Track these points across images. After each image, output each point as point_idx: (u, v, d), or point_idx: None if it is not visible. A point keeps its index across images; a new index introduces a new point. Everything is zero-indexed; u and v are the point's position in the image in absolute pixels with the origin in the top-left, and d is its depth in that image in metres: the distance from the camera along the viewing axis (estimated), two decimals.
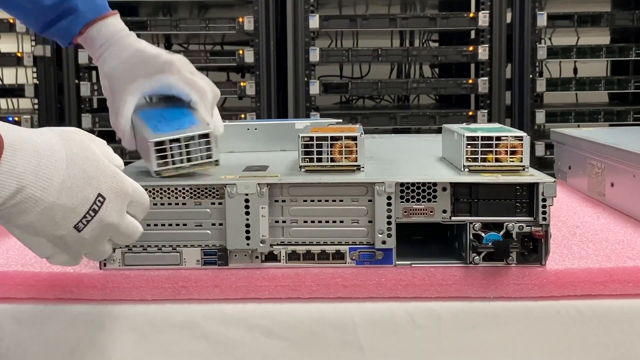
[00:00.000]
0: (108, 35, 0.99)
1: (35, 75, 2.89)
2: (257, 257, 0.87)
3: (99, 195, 0.68)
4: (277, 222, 0.87)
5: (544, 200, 0.84)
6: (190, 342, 0.85)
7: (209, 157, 0.88)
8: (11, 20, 2.78)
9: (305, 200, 0.87)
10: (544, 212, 0.84)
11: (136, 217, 0.74)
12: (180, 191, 0.87)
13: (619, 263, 0.88)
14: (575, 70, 3.10)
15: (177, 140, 0.87)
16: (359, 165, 0.90)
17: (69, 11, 0.98)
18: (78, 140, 0.69)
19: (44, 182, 0.64)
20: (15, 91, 2.98)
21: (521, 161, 0.88)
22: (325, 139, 0.90)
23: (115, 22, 1.00)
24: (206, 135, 0.88)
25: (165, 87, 0.96)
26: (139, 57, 0.97)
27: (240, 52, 2.79)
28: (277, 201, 0.86)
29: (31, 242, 0.68)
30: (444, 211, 0.85)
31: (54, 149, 0.66)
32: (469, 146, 0.89)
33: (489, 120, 2.80)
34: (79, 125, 2.85)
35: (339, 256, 0.87)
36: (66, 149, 0.67)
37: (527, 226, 0.84)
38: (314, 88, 2.79)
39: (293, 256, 0.87)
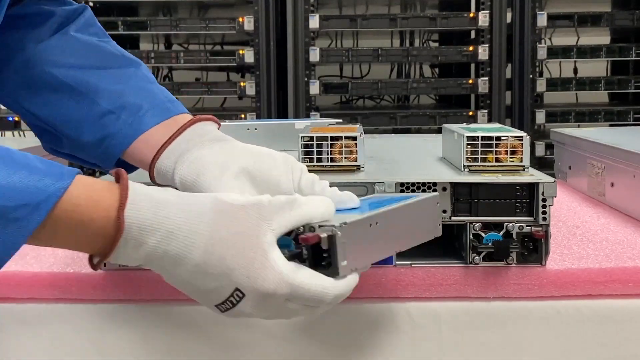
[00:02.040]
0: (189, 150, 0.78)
1: None
2: None
3: (237, 290, 0.63)
4: None
5: (544, 200, 0.84)
6: (190, 342, 0.85)
7: None
8: None
9: None
10: (544, 212, 0.84)
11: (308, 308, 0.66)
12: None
13: (619, 263, 0.88)
14: (575, 70, 3.10)
15: None
16: (359, 165, 0.90)
17: (132, 107, 0.82)
18: (236, 216, 0.63)
19: (173, 260, 0.62)
20: None
21: (521, 161, 0.88)
22: (325, 139, 0.90)
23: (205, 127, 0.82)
24: None
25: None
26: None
27: (240, 52, 2.79)
28: None
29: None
30: (444, 211, 0.85)
31: (196, 229, 0.62)
32: (469, 146, 0.89)
33: (489, 120, 2.80)
34: None
35: None
36: (212, 229, 0.62)
37: (527, 226, 0.84)
38: (314, 88, 2.79)
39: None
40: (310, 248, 0.64)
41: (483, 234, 0.84)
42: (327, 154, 0.90)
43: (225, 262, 0.62)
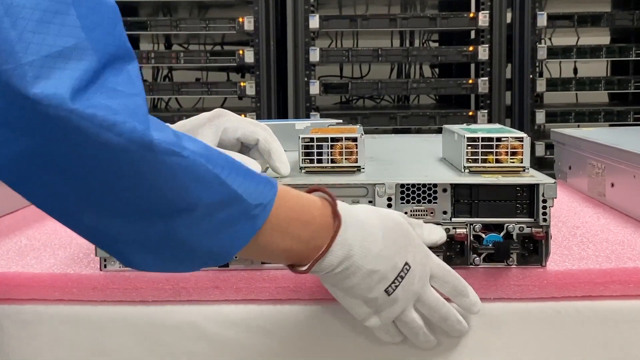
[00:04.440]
0: None
1: None
2: None
3: (406, 263, 0.76)
4: None
5: (544, 201, 0.84)
6: (190, 343, 0.85)
7: None
8: None
9: None
10: (544, 213, 0.84)
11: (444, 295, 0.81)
12: None
13: (619, 264, 0.88)
14: (575, 70, 3.10)
15: None
16: (359, 167, 0.90)
17: None
18: (391, 217, 0.78)
19: (365, 251, 0.74)
20: None
21: (521, 162, 0.88)
22: (325, 140, 0.90)
23: None
24: None
25: (230, 130, 0.90)
26: (186, 122, 0.91)
27: (240, 52, 2.79)
28: None
29: (350, 304, 0.78)
30: (445, 212, 0.85)
31: (373, 223, 0.76)
32: (469, 147, 0.89)
33: (489, 121, 2.80)
34: None
35: None
36: (382, 223, 0.76)
37: (527, 227, 0.84)
38: (314, 88, 2.79)
39: None
40: None
41: (483, 235, 0.84)
42: (328, 155, 0.90)
43: (397, 243, 0.76)
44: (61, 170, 0.59)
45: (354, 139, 0.90)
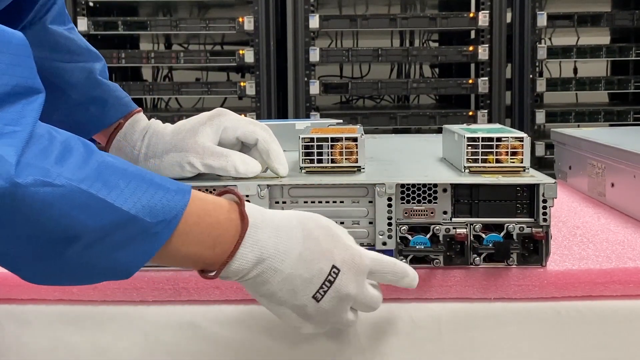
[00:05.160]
0: (145, 124, 0.95)
1: None
2: None
3: (334, 267, 0.72)
4: None
5: (544, 201, 0.84)
6: (190, 343, 0.85)
7: None
8: None
9: (305, 202, 0.87)
10: (544, 213, 0.84)
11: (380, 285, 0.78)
12: None
13: (620, 264, 0.88)
14: (575, 70, 3.10)
15: None
16: (360, 167, 0.90)
17: (99, 101, 0.94)
18: (315, 218, 0.75)
19: (283, 254, 0.71)
20: None
21: (522, 162, 0.88)
22: (325, 140, 0.90)
23: (143, 117, 0.96)
24: None
25: (230, 129, 0.90)
26: (186, 121, 0.91)
27: (240, 52, 2.79)
28: (277, 202, 0.86)
29: (278, 312, 0.74)
30: (445, 212, 0.85)
31: (292, 225, 0.72)
32: (469, 147, 0.89)
33: (489, 121, 2.80)
34: None
35: None
36: (303, 224, 0.73)
37: (527, 227, 0.84)
38: (314, 88, 2.79)
39: None
40: None
41: (484, 235, 0.84)
42: (328, 155, 0.90)
43: (320, 245, 0.72)
44: None
45: (354, 139, 0.90)
